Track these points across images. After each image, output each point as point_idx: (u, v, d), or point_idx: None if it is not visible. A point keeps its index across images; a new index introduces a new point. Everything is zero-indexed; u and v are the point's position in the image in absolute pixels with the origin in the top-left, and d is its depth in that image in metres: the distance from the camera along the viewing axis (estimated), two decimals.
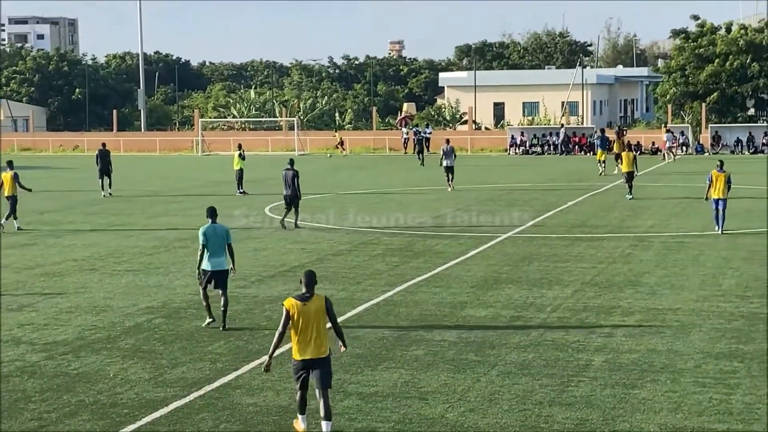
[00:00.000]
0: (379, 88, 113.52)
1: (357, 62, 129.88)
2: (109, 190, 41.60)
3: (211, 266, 17.09)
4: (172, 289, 20.75)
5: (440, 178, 43.22)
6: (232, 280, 21.48)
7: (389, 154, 72.20)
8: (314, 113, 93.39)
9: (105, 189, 41.50)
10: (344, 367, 14.53)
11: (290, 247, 26.39)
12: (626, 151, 38.35)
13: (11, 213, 30.49)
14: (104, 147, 42.95)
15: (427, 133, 72.27)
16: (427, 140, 70.75)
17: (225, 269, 17.22)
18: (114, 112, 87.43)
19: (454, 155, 42.09)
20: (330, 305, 11.82)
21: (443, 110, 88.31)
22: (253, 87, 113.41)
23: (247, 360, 15.06)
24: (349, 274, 22.29)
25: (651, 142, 66.37)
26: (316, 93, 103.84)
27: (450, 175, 41.81)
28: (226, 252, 17.23)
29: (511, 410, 12.58)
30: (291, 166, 30.00)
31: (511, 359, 14.91)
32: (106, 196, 40.84)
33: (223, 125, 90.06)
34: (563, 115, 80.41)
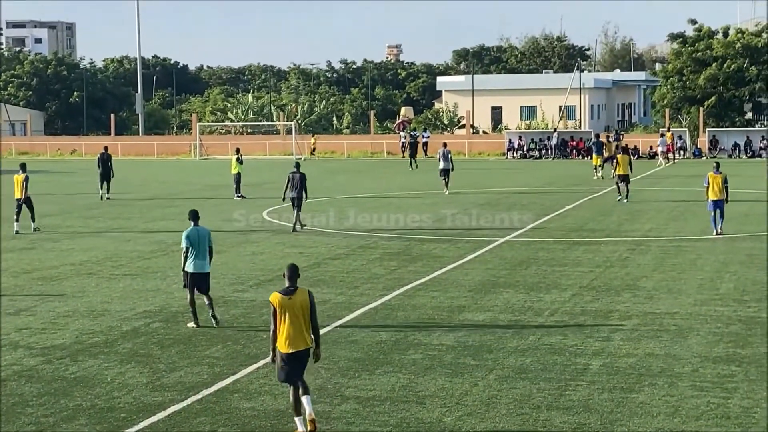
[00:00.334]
0: (376, 92, 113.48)
1: (355, 66, 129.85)
2: (107, 194, 41.60)
3: (194, 269, 17.28)
4: (170, 293, 20.73)
5: (437, 182, 43.23)
6: (230, 284, 21.57)
7: (387, 158, 72.23)
8: (312, 117, 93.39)
9: (103, 193, 41.49)
10: (342, 371, 14.53)
11: (288, 251, 26.38)
12: (622, 154, 38.41)
13: (19, 215, 30.91)
14: (106, 151, 42.45)
15: (425, 137, 72.40)
16: (425, 144, 70.90)
17: (207, 272, 17.46)
18: (112, 116, 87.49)
19: (451, 159, 42.27)
20: (313, 300, 12.00)
21: (441, 114, 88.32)
22: (250, 91, 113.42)
23: (245, 364, 15.05)
24: (347, 278, 22.29)
25: (649, 146, 66.39)
26: (313, 97, 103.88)
27: (446, 178, 41.94)
28: (208, 255, 17.45)
29: (508, 414, 12.58)
30: (297, 169, 30.24)
31: (508, 363, 14.91)
32: (104, 200, 40.87)
33: (221, 129, 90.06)
34: (560, 120, 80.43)
